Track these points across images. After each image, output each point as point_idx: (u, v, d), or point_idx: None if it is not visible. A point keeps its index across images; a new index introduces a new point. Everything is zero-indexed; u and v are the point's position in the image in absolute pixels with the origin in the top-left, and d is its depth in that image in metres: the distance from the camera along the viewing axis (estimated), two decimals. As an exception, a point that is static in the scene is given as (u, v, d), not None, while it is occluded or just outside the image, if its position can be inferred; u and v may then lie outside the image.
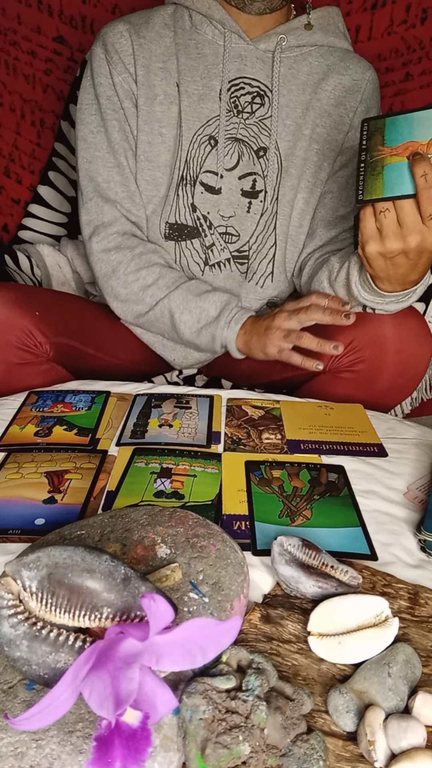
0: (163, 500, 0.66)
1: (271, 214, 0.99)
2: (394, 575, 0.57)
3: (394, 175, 0.68)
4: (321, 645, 0.47)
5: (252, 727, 0.39)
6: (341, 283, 0.88)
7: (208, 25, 0.93)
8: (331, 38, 0.96)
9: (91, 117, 0.96)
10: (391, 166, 0.68)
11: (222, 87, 0.94)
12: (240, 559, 0.52)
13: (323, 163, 0.98)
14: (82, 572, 0.39)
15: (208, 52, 0.94)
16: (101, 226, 0.97)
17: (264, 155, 0.97)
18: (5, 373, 0.90)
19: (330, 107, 0.97)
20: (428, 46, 1.21)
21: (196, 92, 0.94)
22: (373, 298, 0.83)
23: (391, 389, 0.95)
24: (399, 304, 0.84)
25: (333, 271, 0.90)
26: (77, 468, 0.72)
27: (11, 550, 0.59)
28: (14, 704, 0.40)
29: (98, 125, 0.96)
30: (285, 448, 0.78)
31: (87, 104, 0.97)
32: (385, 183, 0.69)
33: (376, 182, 0.70)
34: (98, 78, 0.95)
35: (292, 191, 0.99)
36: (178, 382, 1.09)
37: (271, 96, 0.95)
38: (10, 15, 1.30)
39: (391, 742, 0.40)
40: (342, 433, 0.82)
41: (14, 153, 1.37)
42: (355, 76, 0.96)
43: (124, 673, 0.35)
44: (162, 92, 0.94)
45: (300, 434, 0.81)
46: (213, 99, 0.94)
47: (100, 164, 0.96)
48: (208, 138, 0.95)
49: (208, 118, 0.95)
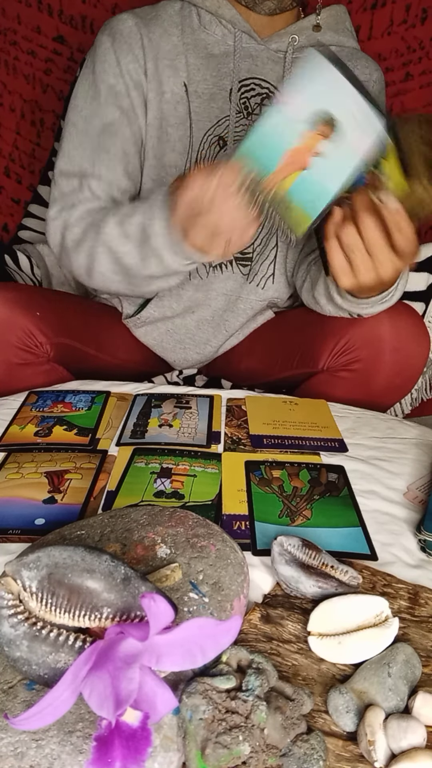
0: (163, 500, 0.66)
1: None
2: (394, 575, 0.57)
3: (303, 194, 0.60)
4: (321, 645, 0.47)
5: (252, 727, 0.39)
6: (321, 293, 0.88)
7: (218, 24, 0.92)
8: (340, 37, 0.96)
9: (87, 103, 0.92)
10: (294, 188, 0.59)
11: (233, 87, 0.93)
12: (240, 559, 0.52)
13: None
14: (82, 572, 0.39)
15: (217, 51, 0.93)
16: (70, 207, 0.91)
17: None
18: (6, 373, 0.90)
19: None
20: (428, 46, 1.21)
21: (206, 92, 0.93)
22: (357, 304, 0.83)
23: (388, 388, 0.95)
24: (384, 304, 0.83)
25: (314, 282, 0.90)
26: (77, 468, 0.72)
27: (11, 550, 0.59)
28: (14, 704, 0.40)
29: (93, 112, 0.92)
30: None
31: (83, 91, 0.93)
32: (303, 206, 0.60)
33: (292, 213, 0.61)
34: (101, 65, 0.91)
35: None
36: (178, 382, 1.09)
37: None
38: (10, 15, 1.30)
39: (391, 742, 0.40)
40: (305, 428, 0.82)
41: (14, 153, 1.37)
42: (362, 76, 0.96)
43: (124, 673, 0.35)
44: (169, 90, 0.93)
45: (263, 429, 0.82)
46: (223, 99, 0.93)
47: (88, 148, 0.92)
48: (218, 139, 0.94)
49: (218, 119, 0.94)
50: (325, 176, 0.59)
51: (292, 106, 0.57)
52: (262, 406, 0.88)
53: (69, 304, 1.05)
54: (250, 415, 0.85)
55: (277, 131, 0.58)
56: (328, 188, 0.59)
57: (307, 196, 0.59)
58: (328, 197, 0.59)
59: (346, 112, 0.57)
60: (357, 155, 0.58)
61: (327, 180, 0.59)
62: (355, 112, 0.57)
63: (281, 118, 0.57)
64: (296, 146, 0.57)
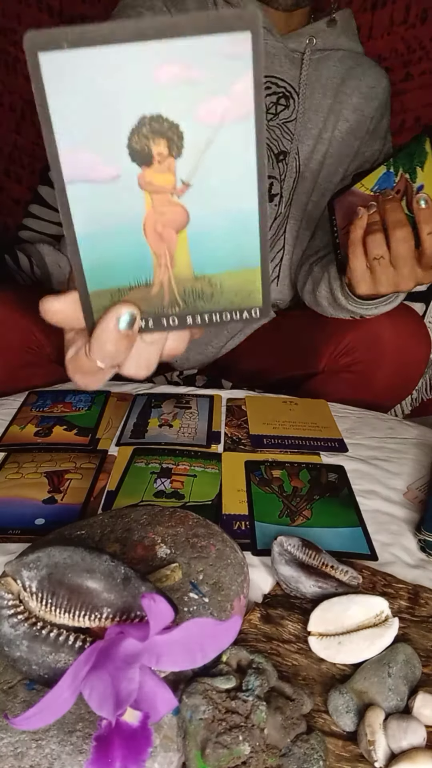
0: (163, 500, 0.66)
1: (283, 218, 0.99)
2: (394, 575, 0.57)
3: (215, 253, 0.35)
4: (321, 645, 0.47)
5: (252, 727, 0.39)
6: (324, 295, 0.87)
7: None
8: (351, 42, 0.96)
9: None
10: (196, 259, 0.31)
11: None
12: (240, 559, 0.52)
13: (338, 168, 0.98)
14: (82, 572, 0.39)
15: None
16: None
17: (284, 159, 0.95)
18: (7, 374, 0.90)
19: (348, 112, 0.96)
20: (428, 46, 1.20)
21: None
22: (361, 305, 0.82)
23: (389, 389, 0.95)
24: (388, 306, 0.83)
25: (316, 283, 0.89)
26: (77, 468, 0.72)
27: (11, 550, 0.59)
28: (14, 704, 0.40)
29: None
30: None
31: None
32: (232, 266, 0.32)
33: (225, 287, 0.43)
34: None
35: (305, 195, 0.98)
36: (178, 382, 1.09)
37: (296, 99, 0.93)
38: (10, 15, 1.30)
39: (391, 742, 0.40)
40: (305, 428, 0.83)
41: (14, 153, 1.37)
42: (371, 83, 0.96)
43: (124, 673, 0.35)
44: None
45: (263, 429, 0.82)
46: None
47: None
48: None
49: None
50: (223, 203, 0.30)
51: (74, 157, 0.28)
52: (262, 406, 0.88)
53: None
54: (250, 415, 0.85)
55: (100, 219, 0.30)
56: (244, 211, 0.30)
57: (224, 251, 0.31)
58: (253, 224, 0.31)
59: (160, 89, 0.27)
60: (244, 124, 0.28)
61: (229, 205, 0.30)
62: (182, 63, 0.26)
63: (88, 195, 0.29)
64: (145, 213, 0.30)
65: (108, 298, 0.32)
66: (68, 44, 0.25)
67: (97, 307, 0.32)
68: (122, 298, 0.32)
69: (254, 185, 0.30)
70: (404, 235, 0.64)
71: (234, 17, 0.26)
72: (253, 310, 0.33)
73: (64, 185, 0.28)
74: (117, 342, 0.31)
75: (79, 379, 0.34)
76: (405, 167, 0.69)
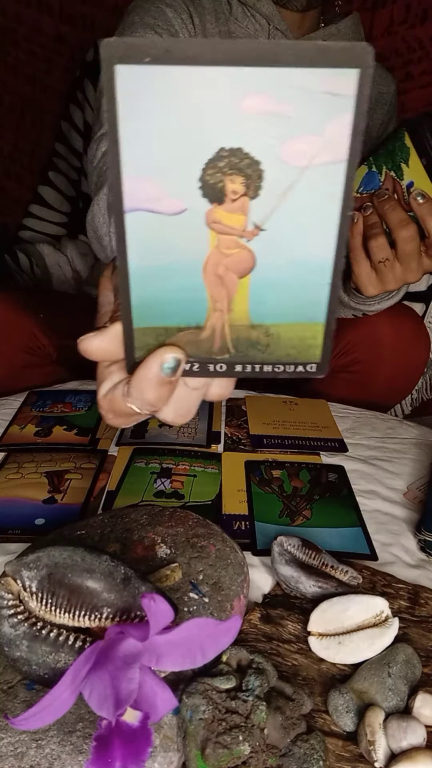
0: (163, 500, 0.66)
1: None
2: (394, 575, 0.57)
3: (280, 302, 0.32)
4: (321, 645, 0.47)
5: (252, 727, 0.39)
6: None
7: (250, 18, 0.86)
8: None
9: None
10: (254, 308, 0.30)
11: None
12: (240, 559, 0.52)
13: None
14: (82, 572, 0.39)
15: None
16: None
17: None
18: (9, 375, 0.90)
19: None
20: (428, 46, 1.21)
21: None
22: (364, 301, 0.82)
23: (388, 390, 0.95)
24: (391, 300, 0.83)
25: None
26: (77, 468, 0.72)
27: (11, 550, 0.59)
28: (14, 704, 0.40)
29: None
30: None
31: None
32: (294, 317, 0.31)
33: (283, 336, 0.37)
34: (146, 18, 0.80)
35: None
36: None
37: None
38: (10, 15, 1.30)
39: (391, 742, 0.40)
40: (305, 428, 0.83)
41: (14, 153, 1.37)
42: (381, 89, 0.96)
43: (124, 673, 0.35)
44: None
45: (263, 429, 0.82)
46: None
47: None
48: None
49: None
50: (297, 253, 0.28)
51: (147, 188, 0.25)
52: (262, 406, 0.88)
53: (71, 305, 1.05)
54: (250, 415, 0.85)
55: (158, 253, 0.27)
56: (318, 263, 0.28)
57: (288, 301, 0.29)
58: (325, 278, 0.28)
59: (252, 119, 0.24)
60: (336, 166, 0.25)
61: (303, 256, 0.28)
62: (281, 94, 0.24)
63: (148, 227, 0.26)
64: (207, 253, 0.27)
65: (153, 337, 0.29)
66: (151, 58, 0.22)
67: (140, 344, 0.29)
68: (168, 340, 0.29)
69: (334, 238, 0.27)
70: (411, 233, 0.64)
71: (343, 51, 0.22)
72: (309, 366, 0.30)
73: (123, 213, 0.25)
74: (158, 388, 0.29)
75: (112, 419, 0.32)
76: (388, 165, 0.68)
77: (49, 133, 1.36)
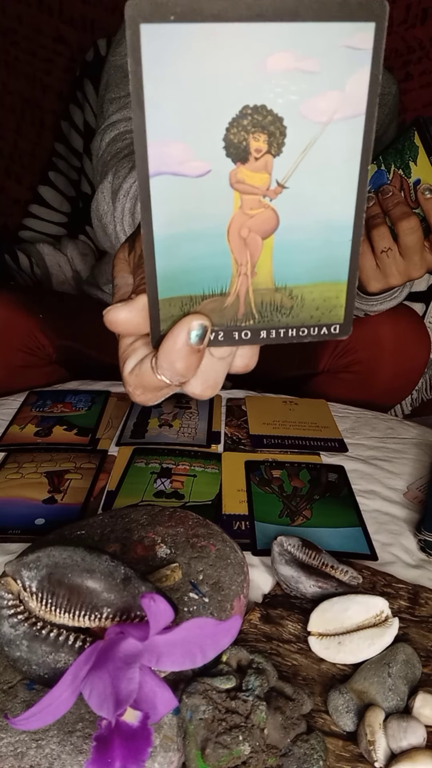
0: (163, 500, 0.66)
1: None
2: (394, 575, 0.57)
3: (303, 264, 0.32)
4: (321, 645, 0.47)
5: (252, 727, 0.39)
6: None
7: None
8: None
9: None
10: (278, 268, 0.30)
11: None
12: (240, 559, 0.52)
13: None
14: (82, 572, 0.39)
15: None
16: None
17: None
18: (8, 375, 0.90)
19: None
20: (428, 46, 1.21)
21: None
22: (367, 301, 0.82)
23: (389, 390, 0.95)
24: (394, 300, 0.83)
25: None
26: (77, 468, 0.72)
27: (11, 550, 0.59)
28: (14, 704, 0.40)
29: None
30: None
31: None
32: (318, 278, 0.30)
33: (308, 298, 0.35)
34: None
35: None
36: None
37: None
38: (10, 15, 1.30)
39: (391, 742, 0.40)
40: (305, 428, 0.83)
41: (14, 153, 1.37)
42: (383, 89, 0.96)
43: (124, 673, 0.35)
44: None
45: (263, 429, 0.82)
46: None
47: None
48: None
49: None
50: (318, 210, 0.27)
51: (167, 150, 0.25)
52: (262, 406, 0.88)
53: (72, 306, 1.05)
54: (250, 415, 0.85)
55: (183, 220, 0.26)
56: (339, 221, 0.28)
57: (311, 262, 0.29)
58: (347, 235, 0.28)
59: (271, 80, 0.24)
60: (354, 123, 0.25)
61: (324, 214, 0.28)
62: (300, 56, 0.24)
63: (173, 191, 0.25)
64: (232, 215, 0.27)
65: (179, 307, 0.28)
66: (176, 17, 0.22)
67: (165, 315, 0.28)
68: (193, 309, 0.28)
69: (354, 194, 0.27)
70: (412, 225, 0.64)
71: (359, 4, 0.23)
72: (333, 327, 0.30)
73: (148, 177, 0.25)
74: (187, 357, 0.28)
75: (140, 394, 0.31)
76: (397, 163, 0.69)
77: (49, 133, 1.36)
